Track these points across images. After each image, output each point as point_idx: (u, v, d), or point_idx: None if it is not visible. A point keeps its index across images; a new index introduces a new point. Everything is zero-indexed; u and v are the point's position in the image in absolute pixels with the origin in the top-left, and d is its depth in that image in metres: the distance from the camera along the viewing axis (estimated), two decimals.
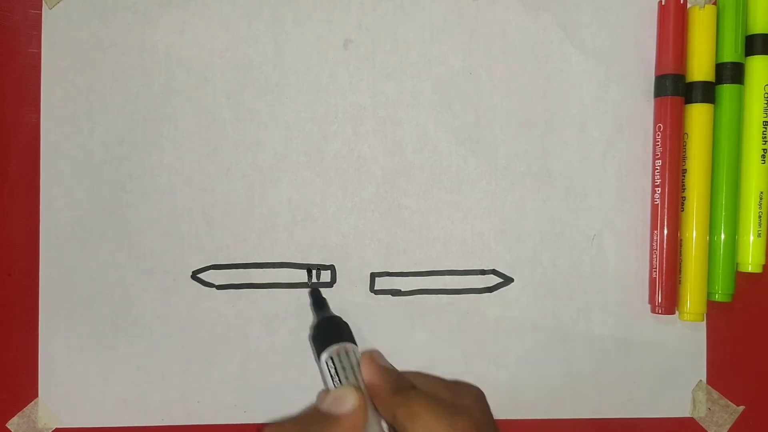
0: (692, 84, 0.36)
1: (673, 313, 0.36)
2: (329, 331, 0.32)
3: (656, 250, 0.36)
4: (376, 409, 0.28)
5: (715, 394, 0.37)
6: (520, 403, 0.37)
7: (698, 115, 0.36)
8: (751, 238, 0.36)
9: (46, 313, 0.36)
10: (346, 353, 0.30)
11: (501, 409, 0.33)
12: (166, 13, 0.37)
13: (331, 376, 0.29)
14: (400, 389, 0.28)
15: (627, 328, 0.37)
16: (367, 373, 0.29)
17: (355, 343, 0.31)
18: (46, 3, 0.36)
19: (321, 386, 0.36)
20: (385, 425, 0.28)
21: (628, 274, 0.37)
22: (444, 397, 0.28)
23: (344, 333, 0.31)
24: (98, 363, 0.36)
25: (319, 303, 0.34)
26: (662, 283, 0.36)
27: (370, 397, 0.28)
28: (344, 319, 0.36)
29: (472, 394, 0.29)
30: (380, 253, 0.36)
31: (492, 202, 0.37)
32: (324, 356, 0.30)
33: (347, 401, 0.27)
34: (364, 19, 0.37)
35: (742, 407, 0.37)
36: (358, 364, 0.29)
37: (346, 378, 0.29)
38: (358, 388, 0.28)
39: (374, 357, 0.30)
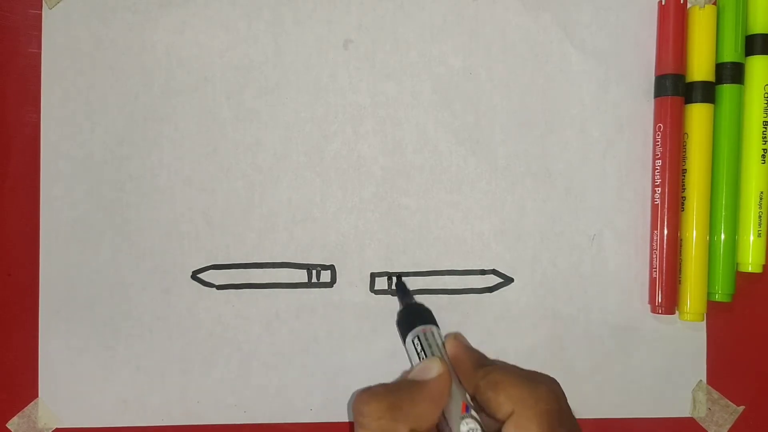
0: (692, 84, 0.36)
1: (673, 313, 0.36)
2: (414, 315, 0.32)
3: (656, 250, 0.36)
4: (460, 382, 0.29)
5: (715, 394, 0.37)
6: None
7: (698, 115, 0.36)
8: (751, 238, 0.36)
9: (46, 313, 0.36)
10: (432, 334, 0.31)
11: None
12: (166, 13, 0.37)
13: (418, 353, 0.30)
14: (483, 364, 0.29)
15: (627, 328, 0.37)
16: (451, 349, 0.30)
17: (438, 327, 0.32)
18: (46, 3, 0.36)
19: (320, 386, 0.36)
20: (468, 398, 0.29)
21: (628, 274, 0.37)
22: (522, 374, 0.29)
23: (428, 317, 0.32)
24: (98, 363, 0.36)
25: (403, 291, 0.35)
26: (662, 283, 0.36)
27: (455, 371, 0.29)
28: (346, 319, 0.36)
29: (549, 378, 0.30)
30: (380, 253, 0.36)
31: (492, 202, 0.37)
32: (410, 336, 0.31)
33: (432, 369, 0.28)
34: (364, 19, 0.37)
35: (742, 407, 0.37)
36: (443, 344, 0.31)
37: (432, 354, 0.30)
38: (442, 359, 0.29)
39: (458, 337, 0.31)
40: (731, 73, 0.36)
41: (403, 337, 0.32)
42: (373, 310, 0.36)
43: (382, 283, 0.36)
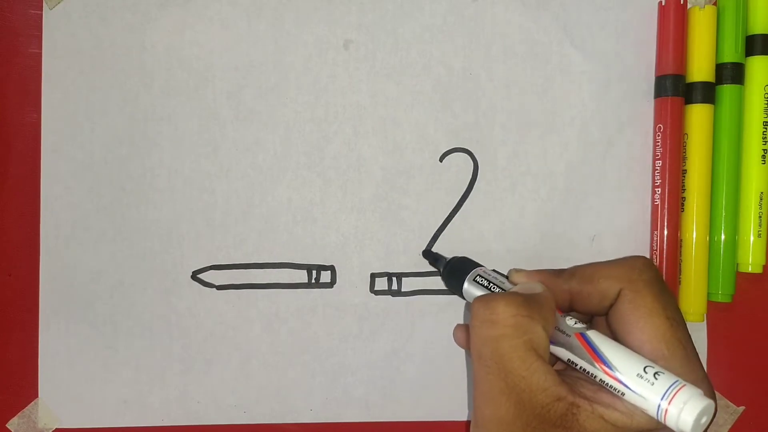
0: (692, 84, 0.36)
1: None
2: (461, 265, 0.32)
3: (656, 250, 0.36)
4: None
5: (716, 394, 0.37)
6: None
7: (698, 115, 0.36)
8: (752, 238, 0.36)
9: (46, 313, 0.36)
10: (489, 271, 0.31)
11: None
12: (166, 13, 0.37)
13: (487, 286, 0.31)
14: (560, 272, 0.29)
15: None
16: (522, 277, 0.30)
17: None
18: (46, 3, 0.36)
19: (320, 386, 0.36)
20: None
21: None
22: None
23: (473, 263, 0.33)
24: (98, 363, 0.36)
25: (434, 257, 0.36)
26: None
27: None
28: (346, 319, 0.36)
29: (637, 255, 0.30)
30: (380, 253, 0.36)
31: (492, 202, 0.37)
32: (470, 277, 0.31)
33: (535, 287, 0.28)
34: (364, 19, 0.37)
35: (742, 407, 0.37)
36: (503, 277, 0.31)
37: (501, 284, 0.30)
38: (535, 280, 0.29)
39: (517, 269, 0.31)
40: (731, 73, 0.36)
41: (459, 285, 0.32)
42: (373, 310, 0.36)
43: (382, 284, 0.36)
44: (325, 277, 0.36)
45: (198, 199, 0.36)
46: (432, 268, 0.36)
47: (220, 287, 0.36)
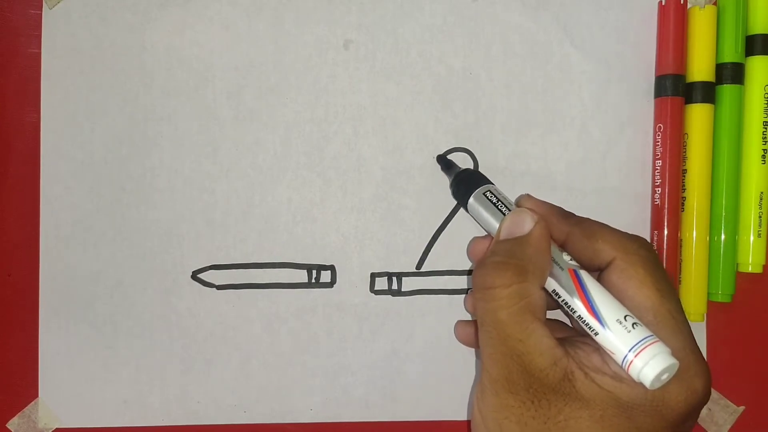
0: (692, 84, 0.36)
1: None
2: (471, 178, 0.32)
3: (656, 250, 0.36)
4: None
5: (715, 394, 0.37)
6: None
7: (698, 115, 0.36)
8: (752, 238, 0.36)
9: (46, 313, 0.36)
10: (498, 191, 0.31)
11: None
12: (166, 13, 0.37)
13: (495, 204, 0.30)
14: (567, 215, 0.30)
15: None
16: (530, 204, 0.30)
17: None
18: (46, 3, 0.36)
19: (320, 386, 0.36)
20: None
21: None
22: None
23: (485, 179, 0.32)
24: (98, 363, 0.36)
25: (448, 164, 0.35)
26: None
27: None
28: (346, 319, 0.36)
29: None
30: (380, 253, 0.36)
31: None
32: (477, 192, 0.31)
33: (526, 221, 0.28)
34: (364, 19, 0.37)
35: (742, 407, 0.37)
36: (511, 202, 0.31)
37: (507, 207, 0.30)
38: (529, 209, 0.29)
39: (530, 195, 0.31)
40: (731, 73, 0.36)
41: (466, 197, 0.32)
42: (373, 310, 0.36)
43: (382, 283, 0.36)
44: (325, 277, 0.36)
45: (198, 199, 0.36)
46: (432, 269, 0.36)
47: (220, 287, 0.36)
